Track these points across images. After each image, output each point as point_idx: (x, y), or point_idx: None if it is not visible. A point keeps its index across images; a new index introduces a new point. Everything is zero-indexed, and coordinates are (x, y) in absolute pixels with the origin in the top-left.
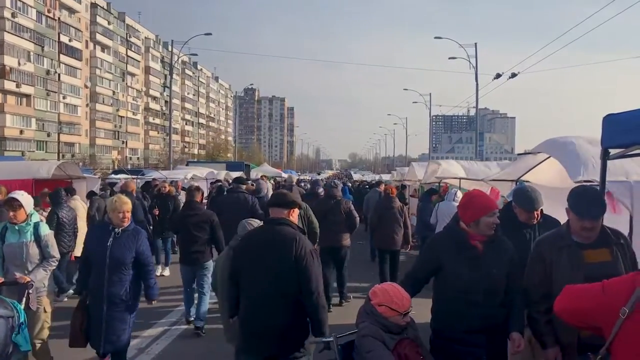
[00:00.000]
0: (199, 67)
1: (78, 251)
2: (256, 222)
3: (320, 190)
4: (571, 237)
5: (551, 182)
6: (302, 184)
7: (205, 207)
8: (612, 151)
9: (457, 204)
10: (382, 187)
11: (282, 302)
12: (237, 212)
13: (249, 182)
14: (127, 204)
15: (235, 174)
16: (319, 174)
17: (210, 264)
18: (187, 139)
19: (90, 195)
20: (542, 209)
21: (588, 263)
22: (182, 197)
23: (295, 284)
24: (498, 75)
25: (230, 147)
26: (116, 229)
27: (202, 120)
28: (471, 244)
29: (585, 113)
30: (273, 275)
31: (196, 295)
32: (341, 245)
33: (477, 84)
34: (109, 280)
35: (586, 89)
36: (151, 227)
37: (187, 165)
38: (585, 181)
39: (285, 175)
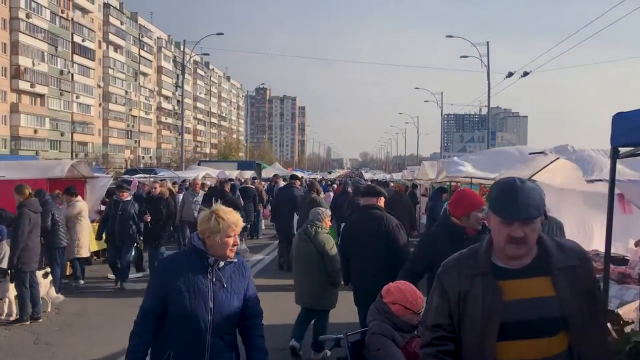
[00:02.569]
0: (210, 66)
1: (83, 251)
2: (321, 209)
3: (349, 188)
4: (490, 258)
5: (561, 182)
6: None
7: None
8: (622, 150)
9: None
10: (392, 185)
11: (380, 266)
12: (291, 203)
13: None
14: (239, 222)
15: (247, 173)
16: (329, 173)
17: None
18: (199, 138)
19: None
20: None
21: (513, 301)
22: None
23: (387, 251)
24: (510, 74)
25: (242, 146)
26: (220, 263)
27: (214, 120)
28: (469, 236)
29: (597, 112)
30: (372, 246)
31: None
32: None
33: (489, 83)
34: (214, 348)
35: (599, 87)
36: (140, 237)
37: (199, 164)
38: (597, 180)
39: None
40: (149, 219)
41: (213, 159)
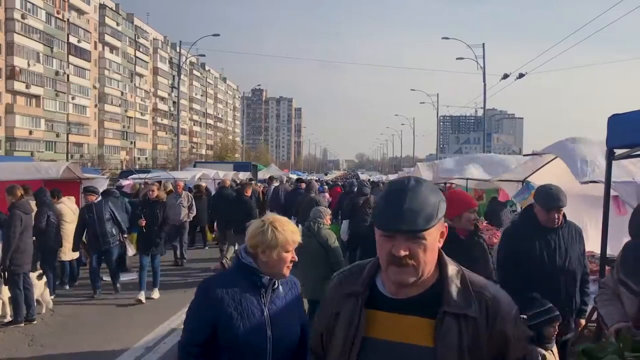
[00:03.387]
0: (206, 67)
1: (63, 255)
2: (322, 208)
3: (355, 188)
4: (374, 278)
5: (556, 184)
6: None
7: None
8: (618, 151)
9: None
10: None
11: None
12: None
13: (254, 181)
14: (297, 233)
15: (243, 175)
16: (326, 175)
17: None
18: (195, 139)
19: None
20: (564, 213)
21: (378, 340)
22: (184, 198)
23: None
24: (506, 76)
25: (238, 147)
26: (275, 282)
27: (209, 121)
28: (460, 237)
29: (593, 113)
30: None
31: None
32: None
33: (484, 85)
34: None
35: (594, 89)
36: (124, 235)
37: (194, 166)
38: (591, 182)
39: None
40: (143, 223)
41: (209, 160)
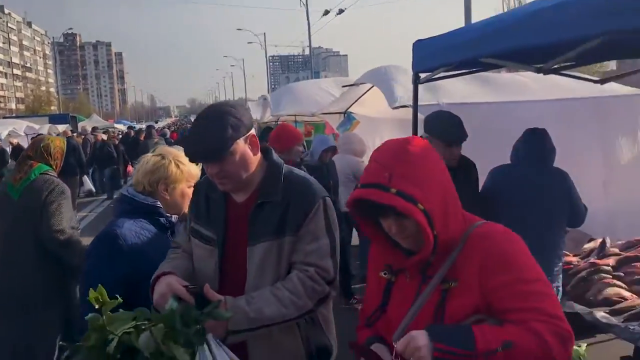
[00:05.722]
0: (6, 11)
1: None
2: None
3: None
4: None
5: (374, 112)
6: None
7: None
8: (423, 75)
9: None
10: None
11: None
12: None
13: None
14: (196, 167)
15: (61, 127)
16: (156, 122)
17: None
18: (1, 92)
19: None
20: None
21: None
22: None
23: None
24: (326, 12)
25: (54, 99)
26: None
27: (17, 71)
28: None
29: (407, 42)
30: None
31: None
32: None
33: (308, 22)
34: None
35: (412, 22)
36: None
37: None
38: (402, 106)
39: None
40: None
41: (20, 115)
